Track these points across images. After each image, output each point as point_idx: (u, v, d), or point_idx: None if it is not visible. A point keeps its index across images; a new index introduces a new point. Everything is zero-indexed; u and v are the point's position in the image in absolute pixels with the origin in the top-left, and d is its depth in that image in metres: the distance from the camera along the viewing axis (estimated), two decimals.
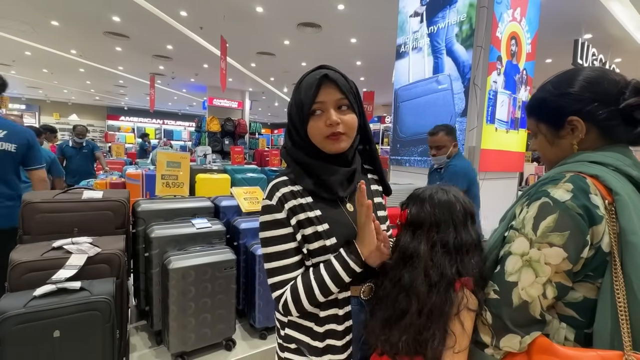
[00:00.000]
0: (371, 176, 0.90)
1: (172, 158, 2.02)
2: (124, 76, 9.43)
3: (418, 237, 0.70)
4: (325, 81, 0.72)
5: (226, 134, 9.18)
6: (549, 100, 0.69)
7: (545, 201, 0.59)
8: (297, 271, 0.74)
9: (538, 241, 0.57)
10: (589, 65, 0.89)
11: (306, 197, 0.75)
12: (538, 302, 0.57)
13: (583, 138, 0.65)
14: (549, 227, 0.57)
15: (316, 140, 0.74)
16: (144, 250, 1.60)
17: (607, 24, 4.47)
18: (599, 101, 0.63)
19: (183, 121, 17.28)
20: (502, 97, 2.74)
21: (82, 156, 4.37)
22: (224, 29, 5.11)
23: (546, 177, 0.66)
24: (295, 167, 0.77)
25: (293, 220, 0.73)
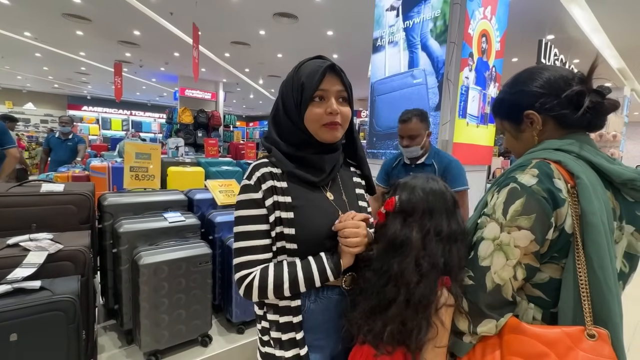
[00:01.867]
0: (353, 169, 0.92)
1: (141, 149, 1.92)
2: (86, 63, 8.81)
3: (410, 224, 0.68)
4: (331, 71, 0.74)
5: (199, 126, 8.86)
6: (507, 99, 0.75)
7: (514, 186, 0.62)
8: (264, 254, 0.73)
9: (507, 225, 0.60)
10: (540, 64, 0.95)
11: (282, 181, 0.75)
12: (510, 284, 0.60)
13: (541, 129, 0.70)
14: (517, 211, 0.60)
15: (312, 127, 0.75)
16: (112, 246, 1.51)
17: (568, 26, 4.75)
18: (550, 94, 0.68)
19: (153, 112, 16.49)
20: (473, 92, 2.84)
21: (66, 148, 4.33)
22: (196, 15, 4.89)
23: (515, 164, 0.69)
24: (277, 152, 0.77)
25: (269, 201, 0.73)
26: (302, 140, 0.76)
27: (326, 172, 0.78)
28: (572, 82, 0.66)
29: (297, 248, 0.72)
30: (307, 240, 0.73)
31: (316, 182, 0.77)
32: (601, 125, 0.67)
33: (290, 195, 0.74)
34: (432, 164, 1.88)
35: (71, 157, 4.29)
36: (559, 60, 4.99)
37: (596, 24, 4.76)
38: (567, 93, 0.65)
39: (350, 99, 0.78)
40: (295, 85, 0.74)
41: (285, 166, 0.76)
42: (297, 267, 0.71)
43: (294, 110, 0.75)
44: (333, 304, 0.77)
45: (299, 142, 0.77)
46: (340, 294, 0.78)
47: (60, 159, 4.19)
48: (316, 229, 0.74)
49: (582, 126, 0.68)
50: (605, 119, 0.67)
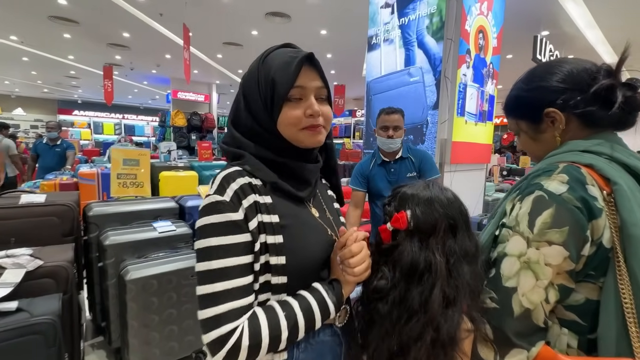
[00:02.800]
0: (325, 182, 0.78)
1: (129, 155, 1.83)
2: (75, 66, 8.65)
3: (430, 246, 0.57)
4: (308, 63, 0.59)
5: (193, 129, 8.76)
6: (523, 96, 0.68)
7: (540, 195, 0.55)
8: (248, 298, 0.53)
9: (536, 239, 0.53)
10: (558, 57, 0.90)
11: (265, 195, 0.58)
12: (541, 308, 0.52)
13: (564, 129, 0.63)
14: (546, 223, 0.52)
15: (289, 132, 0.59)
16: (98, 260, 1.43)
17: (562, 22, 4.72)
18: (573, 89, 0.61)
19: (146, 115, 16.29)
20: (471, 90, 2.79)
21: (54, 154, 4.21)
22: (186, 16, 4.79)
23: (537, 169, 0.62)
24: (252, 158, 0.60)
25: (253, 222, 0.54)
26: (275, 146, 0.61)
27: (311, 185, 0.65)
28: (597, 76, 0.60)
29: (287, 282, 0.56)
30: (301, 269, 0.58)
31: (303, 198, 0.62)
32: (633, 122, 0.60)
33: (276, 212, 0.57)
34: (409, 157, 1.89)
35: (60, 164, 4.18)
36: (554, 56, 4.97)
37: (590, 19, 4.74)
38: (596, 88, 0.58)
39: (330, 97, 0.64)
40: (262, 81, 0.59)
41: (267, 176, 0.59)
42: (294, 309, 0.54)
43: (262, 113, 0.59)
44: (327, 348, 0.62)
45: (272, 149, 0.62)
46: (333, 334, 0.63)
47: (48, 165, 4.07)
48: (311, 255, 0.60)
49: (611, 124, 0.61)
50: (636, 116, 0.60)
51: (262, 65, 0.61)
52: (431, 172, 1.86)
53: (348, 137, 10.73)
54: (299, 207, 0.62)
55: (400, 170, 1.88)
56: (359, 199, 1.95)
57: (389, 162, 1.88)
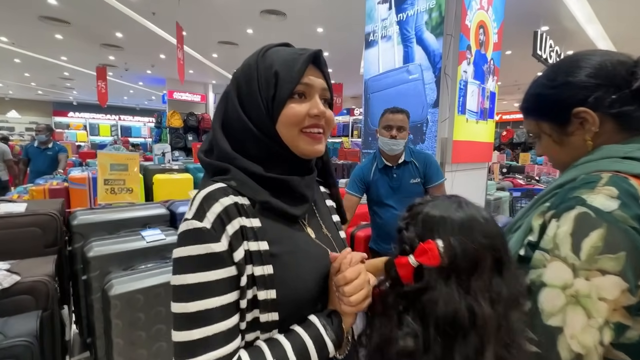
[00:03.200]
0: (323, 189, 0.70)
1: (116, 160, 1.75)
2: (69, 67, 8.53)
3: (473, 290, 0.43)
4: (313, 63, 0.54)
5: (189, 130, 8.66)
6: (547, 94, 0.59)
7: (583, 212, 0.46)
8: (233, 343, 0.45)
9: (584, 267, 0.44)
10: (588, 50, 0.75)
11: (253, 217, 0.49)
12: (595, 352, 0.43)
13: (597, 132, 0.55)
14: (596, 247, 0.44)
15: (288, 133, 0.52)
16: (82, 272, 1.35)
17: (562, 17, 4.65)
18: (607, 85, 0.53)
19: (142, 116, 16.16)
20: (472, 87, 2.71)
21: (46, 158, 4.08)
22: (179, 15, 4.69)
23: (570, 178, 0.54)
24: (239, 172, 0.51)
25: (239, 252, 0.46)
26: (270, 153, 0.53)
27: (308, 201, 0.56)
28: (636, 70, 0.52)
29: (279, 319, 0.48)
30: (295, 303, 0.50)
31: (298, 216, 0.54)
32: None
33: (266, 238, 0.49)
34: (412, 161, 1.78)
35: (52, 167, 4.08)
36: (554, 52, 4.90)
37: (591, 14, 4.67)
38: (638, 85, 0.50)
39: (331, 101, 0.58)
40: (262, 75, 0.52)
41: (256, 193, 0.50)
42: (286, 352, 0.46)
43: (258, 111, 0.52)
44: None
45: (264, 156, 0.53)
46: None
47: (40, 169, 3.98)
48: (306, 285, 0.51)
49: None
50: None
51: (262, 59, 0.54)
52: (437, 177, 1.77)
53: (346, 136, 10.65)
54: (293, 229, 0.54)
55: (403, 175, 1.77)
56: (352, 204, 1.81)
57: (391, 167, 1.77)
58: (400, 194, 1.76)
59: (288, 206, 0.52)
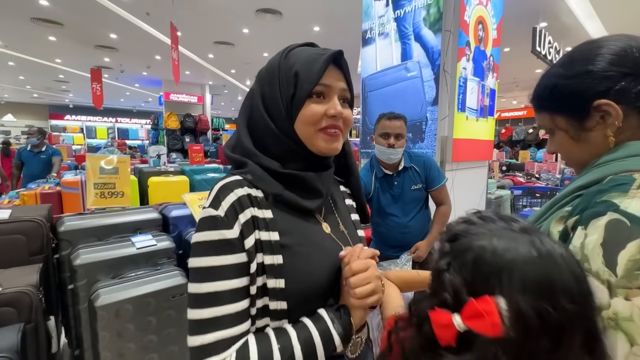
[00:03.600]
0: (344, 189, 0.71)
1: (106, 163, 1.69)
2: (63, 70, 8.44)
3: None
4: (334, 63, 0.56)
5: (186, 131, 8.60)
6: (563, 84, 0.53)
7: (616, 219, 0.40)
8: (242, 326, 0.48)
9: (623, 285, 0.38)
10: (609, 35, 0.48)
11: (265, 208, 0.52)
12: None
13: (620, 127, 0.49)
14: (635, 260, 0.37)
15: (306, 131, 0.54)
16: (69, 281, 1.29)
17: (561, 12, 4.60)
18: (633, 75, 0.47)
19: (139, 118, 16.07)
20: (472, 84, 2.66)
21: (39, 161, 4.03)
22: (173, 15, 4.63)
23: (594, 179, 0.48)
24: (255, 166, 0.54)
25: (249, 240, 0.49)
26: (288, 150, 0.55)
27: (323, 196, 0.58)
28: None
29: (288, 308, 0.50)
30: (304, 294, 0.51)
31: (312, 210, 0.56)
32: None
33: (277, 229, 0.51)
34: (412, 167, 1.70)
35: (45, 171, 4.02)
36: (553, 48, 4.86)
37: (590, 10, 4.63)
38: None
39: (352, 101, 0.60)
40: (283, 76, 0.54)
41: (270, 186, 0.53)
42: (291, 341, 0.48)
43: (279, 110, 0.54)
44: None
45: (283, 153, 0.56)
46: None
47: (33, 173, 3.91)
48: (316, 278, 0.53)
49: None
50: None
51: (285, 59, 0.57)
52: (439, 179, 1.71)
53: None
54: (306, 222, 0.57)
55: (404, 182, 1.69)
56: None
57: (391, 175, 1.69)
58: (402, 201, 1.70)
59: (301, 199, 0.55)
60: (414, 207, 1.71)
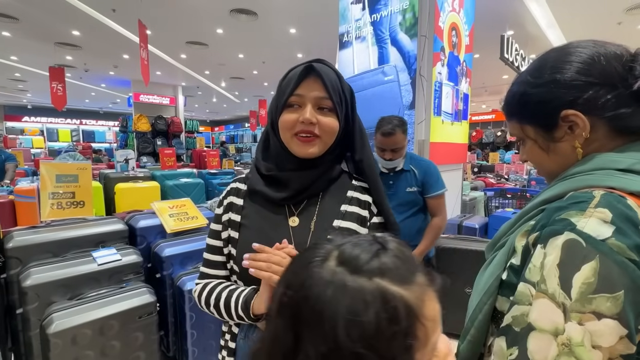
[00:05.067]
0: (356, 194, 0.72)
1: (63, 170, 1.54)
2: (20, 68, 7.84)
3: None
4: (311, 73, 0.64)
5: (158, 134, 8.23)
6: (530, 93, 0.52)
7: (572, 239, 0.39)
8: (218, 271, 0.71)
9: (577, 309, 0.37)
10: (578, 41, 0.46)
11: (241, 198, 0.71)
12: None
13: (588, 137, 0.48)
14: (589, 284, 0.37)
15: (284, 137, 0.66)
16: (19, 304, 1.15)
17: (526, 21, 4.85)
18: (600, 84, 0.46)
19: (106, 120, 15.26)
20: (447, 88, 2.72)
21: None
22: (142, 12, 4.41)
23: (557, 193, 0.47)
24: (253, 168, 0.72)
25: (225, 217, 0.71)
26: (278, 153, 0.68)
27: (290, 190, 0.67)
28: (635, 65, 0.45)
29: (239, 272, 0.67)
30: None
31: (276, 200, 0.68)
32: None
33: (241, 213, 0.70)
34: (411, 169, 1.73)
35: None
36: (519, 56, 5.10)
37: (552, 19, 4.91)
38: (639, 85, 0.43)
39: (339, 107, 0.65)
40: (277, 93, 0.68)
41: (251, 183, 0.70)
42: (224, 292, 0.66)
43: (274, 121, 0.67)
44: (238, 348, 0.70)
45: (276, 155, 0.69)
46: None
47: None
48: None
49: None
50: None
51: (281, 80, 0.68)
52: (436, 187, 1.71)
53: None
54: (271, 212, 0.69)
55: (398, 184, 1.71)
56: None
57: (387, 173, 1.73)
58: (394, 201, 1.70)
59: (271, 192, 0.67)
60: (407, 209, 1.73)
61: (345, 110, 0.68)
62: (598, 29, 5.22)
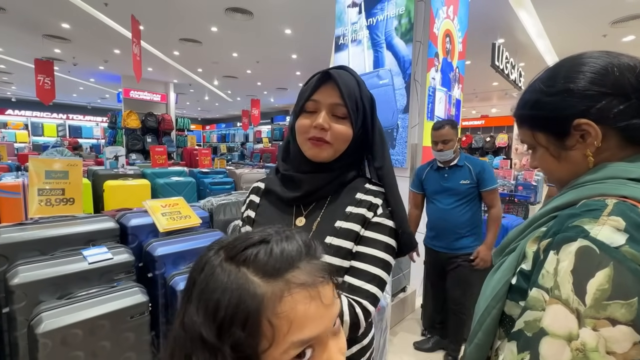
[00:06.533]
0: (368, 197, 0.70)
1: (53, 166, 1.51)
2: (5, 60, 7.61)
3: None
4: (328, 80, 0.66)
5: (148, 131, 8.10)
6: (544, 102, 0.53)
7: (586, 246, 0.40)
8: None
9: (592, 315, 0.38)
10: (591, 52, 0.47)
11: (259, 196, 0.77)
12: None
13: (599, 146, 0.49)
14: (603, 290, 0.38)
15: (299, 140, 0.70)
16: (5, 303, 1.11)
17: (516, 30, 4.97)
18: (614, 95, 0.47)
19: (94, 116, 14.93)
20: (440, 94, 2.76)
21: None
22: (135, 7, 4.35)
23: (569, 201, 0.48)
24: (272, 169, 0.78)
25: (245, 213, 0.78)
26: (295, 155, 0.72)
27: (301, 191, 0.70)
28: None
29: None
30: None
31: (286, 199, 0.71)
32: None
33: (256, 210, 0.76)
34: (465, 165, 1.99)
35: None
36: (509, 64, 5.22)
37: (541, 29, 5.04)
38: None
39: (354, 114, 0.67)
40: (297, 98, 0.72)
41: (268, 183, 0.76)
42: None
43: (292, 123, 0.73)
44: None
45: (294, 157, 0.73)
46: None
47: None
48: None
49: None
50: None
51: (303, 85, 0.71)
52: (490, 182, 1.96)
53: None
54: (281, 211, 0.73)
55: (453, 176, 1.99)
56: (417, 200, 2.18)
57: (443, 167, 2.02)
58: (448, 191, 2.00)
59: (284, 191, 0.71)
60: (459, 198, 1.98)
61: (363, 117, 0.69)
62: (584, 40, 5.39)
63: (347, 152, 0.69)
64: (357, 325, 0.58)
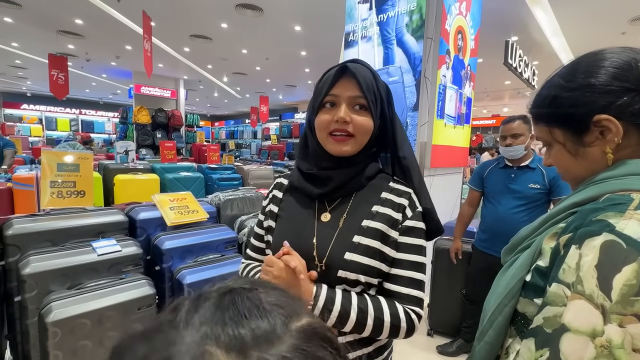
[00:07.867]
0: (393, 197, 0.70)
1: (64, 159, 1.53)
2: (21, 55, 7.77)
3: None
4: (345, 74, 0.66)
5: (158, 127, 8.19)
6: (563, 97, 0.51)
7: (611, 240, 0.39)
8: (259, 255, 0.78)
9: (617, 311, 0.36)
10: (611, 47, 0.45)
11: (282, 192, 0.77)
12: None
13: (619, 143, 0.48)
14: (631, 285, 0.36)
15: (320, 136, 0.69)
16: (17, 292, 1.14)
17: (531, 28, 4.86)
18: (636, 90, 0.46)
19: (106, 111, 15.17)
20: (450, 92, 2.72)
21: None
22: (147, 4, 4.39)
23: (590, 196, 0.46)
24: (295, 166, 0.76)
25: (267, 208, 0.78)
26: (316, 152, 0.71)
27: (328, 187, 0.69)
28: None
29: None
30: (277, 250, 0.69)
31: (313, 195, 0.70)
32: None
33: (279, 205, 0.75)
34: (538, 167, 1.77)
35: None
36: (523, 62, 5.10)
37: (557, 27, 4.92)
38: None
39: (373, 106, 0.67)
40: (314, 94, 0.71)
41: (292, 180, 0.75)
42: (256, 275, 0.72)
43: (312, 120, 0.71)
44: None
45: (314, 154, 0.72)
46: None
47: None
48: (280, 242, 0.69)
49: None
50: None
51: (318, 81, 0.71)
52: (566, 190, 1.78)
53: None
54: (305, 206, 0.72)
55: (522, 178, 1.78)
56: (473, 198, 2.01)
57: (511, 167, 1.82)
58: (515, 194, 1.78)
59: (311, 186, 0.70)
60: (524, 203, 1.76)
61: (381, 108, 0.69)
62: (602, 38, 5.23)
63: (368, 144, 0.69)
64: (412, 329, 0.63)
